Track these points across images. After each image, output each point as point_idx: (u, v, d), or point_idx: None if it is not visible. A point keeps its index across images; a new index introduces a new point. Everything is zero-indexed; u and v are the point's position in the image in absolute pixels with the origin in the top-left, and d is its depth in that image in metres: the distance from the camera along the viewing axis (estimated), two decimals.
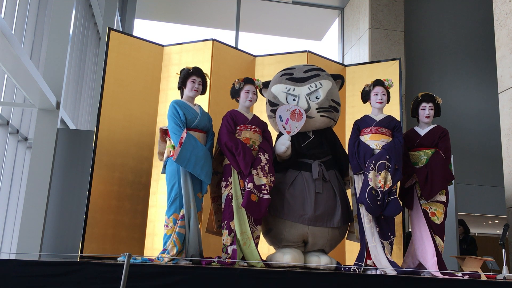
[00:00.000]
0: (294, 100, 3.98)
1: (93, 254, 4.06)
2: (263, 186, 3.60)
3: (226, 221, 3.62)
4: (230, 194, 3.65)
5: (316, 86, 4.02)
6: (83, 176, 4.69)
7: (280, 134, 3.96)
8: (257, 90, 3.99)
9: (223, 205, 3.71)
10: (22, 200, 5.13)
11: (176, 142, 3.62)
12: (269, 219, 3.79)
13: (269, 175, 3.67)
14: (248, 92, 3.91)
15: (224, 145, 3.69)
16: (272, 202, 3.72)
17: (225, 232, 3.60)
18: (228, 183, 3.69)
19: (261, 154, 3.72)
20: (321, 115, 3.98)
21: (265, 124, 3.97)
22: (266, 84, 4.20)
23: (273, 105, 4.01)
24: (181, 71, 3.91)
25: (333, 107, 4.04)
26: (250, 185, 3.56)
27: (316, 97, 3.99)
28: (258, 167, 3.65)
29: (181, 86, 3.91)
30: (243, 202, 3.53)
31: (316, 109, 3.95)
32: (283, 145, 3.79)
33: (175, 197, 3.60)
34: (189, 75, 3.87)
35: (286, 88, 4.02)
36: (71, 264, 2.93)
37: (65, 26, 5.52)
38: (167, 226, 3.59)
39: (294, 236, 3.75)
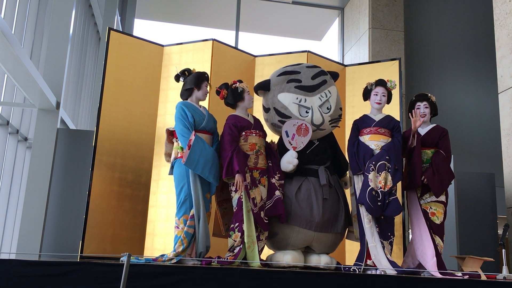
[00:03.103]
0: (307, 112, 3.87)
1: (93, 254, 4.06)
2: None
3: (238, 224, 3.61)
4: (241, 196, 3.63)
5: (326, 96, 3.95)
6: (83, 176, 4.69)
7: (283, 145, 3.90)
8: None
9: (234, 208, 3.68)
10: (22, 200, 5.13)
11: (184, 144, 3.61)
12: (275, 223, 3.77)
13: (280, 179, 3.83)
14: (248, 93, 3.90)
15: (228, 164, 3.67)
16: None
17: (238, 234, 3.60)
18: (238, 187, 3.66)
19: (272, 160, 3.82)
20: (332, 126, 3.99)
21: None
22: (263, 86, 4.04)
23: (283, 116, 3.88)
24: (192, 72, 3.86)
25: (340, 115, 4.06)
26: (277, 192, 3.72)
27: (327, 108, 3.93)
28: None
29: (194, 87, 3.84)
30: (279, 209, 3.68)
31: (329, 121, 3.94)
32: (290, 164, 3.75)
33: (185, 199, 3.60)
34: (206, 79, 3.87)
35: (297, 98, 3.88)
36: (71, 264, 2.93)
37: (65, 26, 5.52)
38: (177, 227, 3.58)
39: (300, 242, 3.75)
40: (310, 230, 3.70)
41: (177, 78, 3.90)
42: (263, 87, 4.02)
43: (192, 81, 3.83)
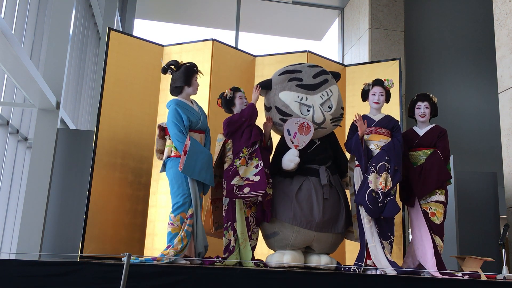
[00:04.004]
0: (308, 111, 3.88)
1: (93, 254, 4.06)
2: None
3: (230, 223, 3.67)
4: None
5: (327, 94, 3.97)
6: (83, 176, 4.68)
7: (284, 143, 3.90)
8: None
9: (224, 207, 3.73)
10: (22, 200, 5.13)
11: (179, 149, 3.59)
12: (275, 222, 3.77)
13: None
14: (242, 98, 3.93)
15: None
16: (280, 206, 3.75)
17: (230, 232, 3.66)
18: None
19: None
20: (333, 125, 4.01)
21: (260, 129, 3.97)
22: (264, 85, 4.05)
23: (284, 115, 3.89)
24: (180, 66, 3.79)
25: (341, 114, 4.07)
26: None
27: (329, 107, 3.95)
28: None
29: (184, 85, 3.78)
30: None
31: (330, 120, 3.95)
32: (292, 162, 3.74)
33: (184, 198, 3.58)
34: (195, 72, 3.81)
35: (298, 97, 3.89)
36: (71, 264, 2.93)
37: (65, 26, 5.52)
38: (172, 224, 3.55)
39: (301, 242, 3.75)
40: (311, 230, 3.70)
41: (164, 70, 3.83)
42: (265, 86, 4.03)
43: (182, 78, 3.76)
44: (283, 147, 3.89)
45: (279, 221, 3.75)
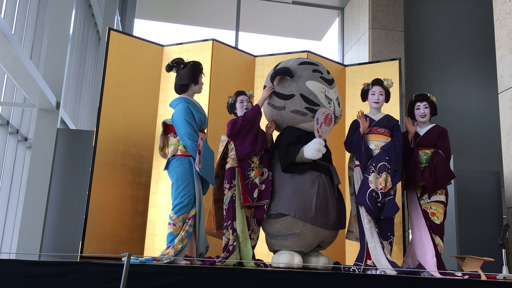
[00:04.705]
0: (329, 103, 3.92)
1: (93, 254, 4.06)
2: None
3: (230, 222, 3.69)
4: (234, 195, 3.71)
5: (337, 93, 4.09)
6: (83, 176, 4.69)
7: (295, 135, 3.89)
8: (250, 99, 4.03)
9: (225, 206, 3.74)
10: (22, 200, 5.13)
11: (191, 148, 3.57)
12: (295, 223, 3.68)
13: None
14: (242, 102, 3.94)
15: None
16: (298, 207, 3.68)
17: (229, 231, 3.67)
18: (232, 185, 3.72)
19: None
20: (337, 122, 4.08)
21: (264, 134, 3.97)
22: (286, 72, 3.90)
23: (312, 104, 3.83)
24: (186, 64, 3.76)
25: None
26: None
27: (338, 104, 4.04)
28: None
29: (192, 82, 3.75)
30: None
31: (339, 116, 4.05)
32: (320, 152, 3.69)
33: (189, 198, 3.56)
34: (201, 70, 3.80)
35: (323, 88, 3.92)
36: (71, 264, 2.93)
37: (65, 26, 5.52)
38: (174, 225, 3.51)
39: (316, 241, 3.77)
40: (327, 229, 3.74)
41: (169, 68, 3.80)
42: (287, 73, 3.91)
43: (189, 76, 3.74)
44: (294, 139, 3.81)
45: (299, 221, 3.66)
